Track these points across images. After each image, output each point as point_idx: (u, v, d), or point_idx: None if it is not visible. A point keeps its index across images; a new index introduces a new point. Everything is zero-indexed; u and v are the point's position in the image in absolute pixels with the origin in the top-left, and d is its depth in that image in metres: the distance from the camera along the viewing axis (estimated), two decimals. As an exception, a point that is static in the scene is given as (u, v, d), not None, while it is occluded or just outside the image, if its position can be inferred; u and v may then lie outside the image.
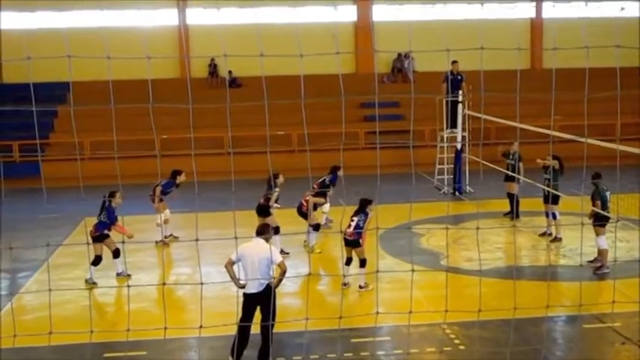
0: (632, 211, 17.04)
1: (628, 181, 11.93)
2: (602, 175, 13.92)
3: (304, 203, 16.05)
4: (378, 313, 8.75)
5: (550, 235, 16.58)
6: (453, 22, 33.94)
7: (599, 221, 13.72)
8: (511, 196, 18.34)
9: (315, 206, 16.34)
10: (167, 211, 16.88)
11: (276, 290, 9.83)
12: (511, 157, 18.29)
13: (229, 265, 9.70)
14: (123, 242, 13.32)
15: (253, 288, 9.59)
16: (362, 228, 13.04)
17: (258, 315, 9.77)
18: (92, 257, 13.64)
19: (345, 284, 13.25)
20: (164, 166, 21.56)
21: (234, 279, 9.69)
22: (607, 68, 21.31)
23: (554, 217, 16.42)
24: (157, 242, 16.22)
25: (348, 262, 13.36)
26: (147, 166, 22.23)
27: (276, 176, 15.42)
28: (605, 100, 18.99)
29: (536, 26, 35.78)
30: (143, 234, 16.33)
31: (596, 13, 35.50)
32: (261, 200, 15.45)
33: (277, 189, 15.27)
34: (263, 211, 15.32)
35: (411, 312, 7.15)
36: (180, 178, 16.90)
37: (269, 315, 9.43)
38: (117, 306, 13.26)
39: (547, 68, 34.11)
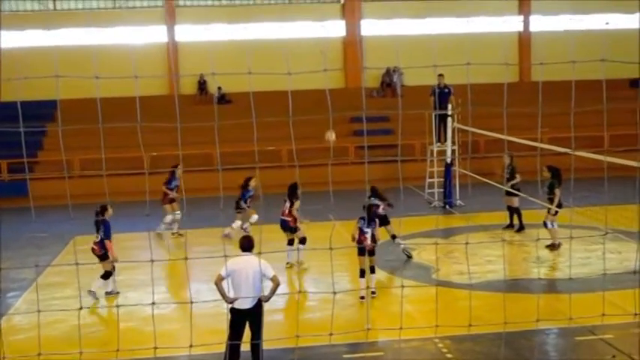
0: (621, 223, 17.09)
1: (618, 193, 11.96)
2: None
3: (287, 218, 15.99)
4: (368, 329, 8.70)
5: (558, 245, 16.65)
6: (442, 36, 34.07)
7: None
8: (511, 210, 18.42)
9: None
10: (255, 216, 18.10)
11: (266, 306, 9.77)
12: (505, 170, 18.36)
13: (219, 281, 9.57)
14: (115, 262, 13.34)
15: (246, 304, 9.49)
16: (376, 238, 13.40)
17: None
18: (102, 272, 13.98)
19: (362, 297, 13.20)
20: (154, 184, 21.51)
21: (224, 295, 9.61)
22: (596, 80, 21.36)
23: (552, 226, 16.47)
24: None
25: (363, 273, 13.34)
26: (137, 184, 22.14)
27: (295, 187, 15.94)
28: (596, 112, 19.03)
29: (524, 40, 36.00)
30: (132, 252, 16.28)
31: (582, 26, 35.76)
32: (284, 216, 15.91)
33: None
34: (288, 227, 15.94)
35: (401, 328, 7.12)
36: (252, 183, 18.01)
37: (259, 331, 9.37)
38: (107, 325, 13.17)
39: (535, 81, 34.23)
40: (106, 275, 14.03)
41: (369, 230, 13.25)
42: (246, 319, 9.58)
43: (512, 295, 13.14)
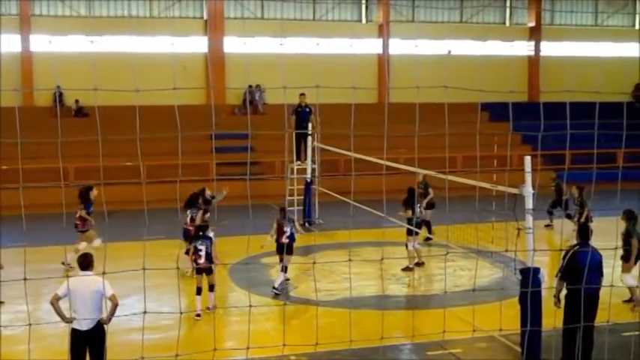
0: (470, 241, 17.79)
1: (469, 212, 12.43)
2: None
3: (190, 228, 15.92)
4: (215, 349, 8.62)
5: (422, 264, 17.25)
6: (304, 56, 34.61)
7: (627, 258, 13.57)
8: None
9: None
10: (98, 240, 16.81)
11: (110, 327, 9.36)
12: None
13: (55, 300, 9.08)
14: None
15: (85, 325, 9.07)
16: (211, 254, 13.29)
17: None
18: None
19: (198, 315, 13.11)
20: (7, 199, 20.57)
21: (61, 315, 9.13)
22: (453, 104, 22.30)
23: (413, 246, 16.98)
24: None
25: (199, 291, 13.27)
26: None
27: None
28: (451, 134, 19.76)
29: (382, 62, 37.04)
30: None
31: (431, 52, 37.42)
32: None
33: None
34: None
35: (248, 347, 7.11)
36: (93, 193, 17.14)
37: (102, 356, 9.04)
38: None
39: (392, 102, 35.24)
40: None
41: (202, 248, 13.31)
42: (86, 342, 9.12)
43: (367, 312, 13.40)
